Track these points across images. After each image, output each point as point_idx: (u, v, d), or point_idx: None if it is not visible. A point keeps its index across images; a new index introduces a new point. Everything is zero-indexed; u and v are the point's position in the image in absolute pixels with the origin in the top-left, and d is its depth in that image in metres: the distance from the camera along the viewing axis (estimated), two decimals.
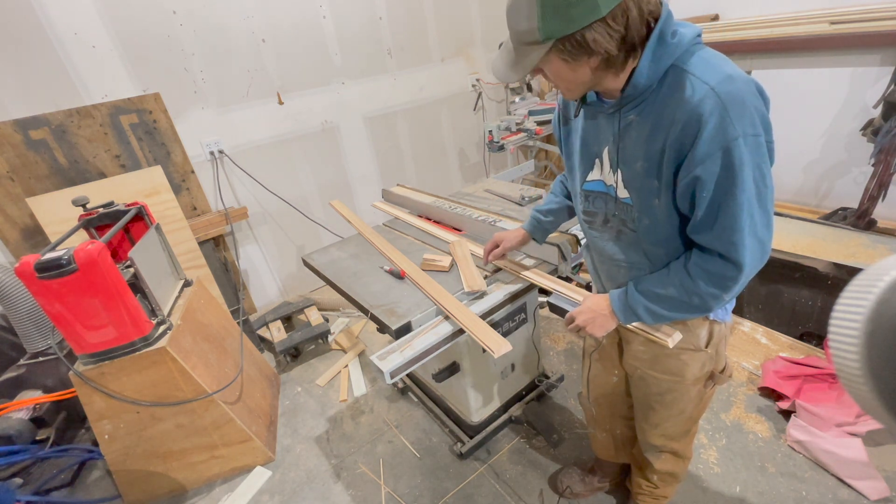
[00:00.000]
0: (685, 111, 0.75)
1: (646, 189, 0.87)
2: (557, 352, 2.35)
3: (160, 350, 1.57)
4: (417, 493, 1.73)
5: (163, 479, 1.81)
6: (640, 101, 0.82)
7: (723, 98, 0.72)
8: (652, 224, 0.91)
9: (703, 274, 0.85)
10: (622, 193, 0.93)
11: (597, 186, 0.99)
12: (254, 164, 2.81)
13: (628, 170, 0.89)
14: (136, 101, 2.34)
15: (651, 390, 1.18)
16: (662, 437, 1.27)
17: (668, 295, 0.91)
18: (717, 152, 0.74)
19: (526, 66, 0.79)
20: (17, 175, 2.16)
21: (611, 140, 0.90)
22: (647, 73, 0.77)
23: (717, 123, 0.72)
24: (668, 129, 0.78)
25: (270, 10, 2.62)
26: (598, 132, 0.94)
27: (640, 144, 0.84)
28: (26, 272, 1.34)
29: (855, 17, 2.35)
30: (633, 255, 1.00)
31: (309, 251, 1.93)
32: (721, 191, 0.76)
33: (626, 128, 0.86)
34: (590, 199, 1.02)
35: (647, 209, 0.89)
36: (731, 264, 0.82)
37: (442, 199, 2.10)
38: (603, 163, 0.95)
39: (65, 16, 2.09)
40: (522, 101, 3.56)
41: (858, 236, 2.14)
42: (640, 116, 0.83)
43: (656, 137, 0.81)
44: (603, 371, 1.36)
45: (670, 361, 1.09)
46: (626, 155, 0.88)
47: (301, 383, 2.42)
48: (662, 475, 1.36)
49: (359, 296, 1.50)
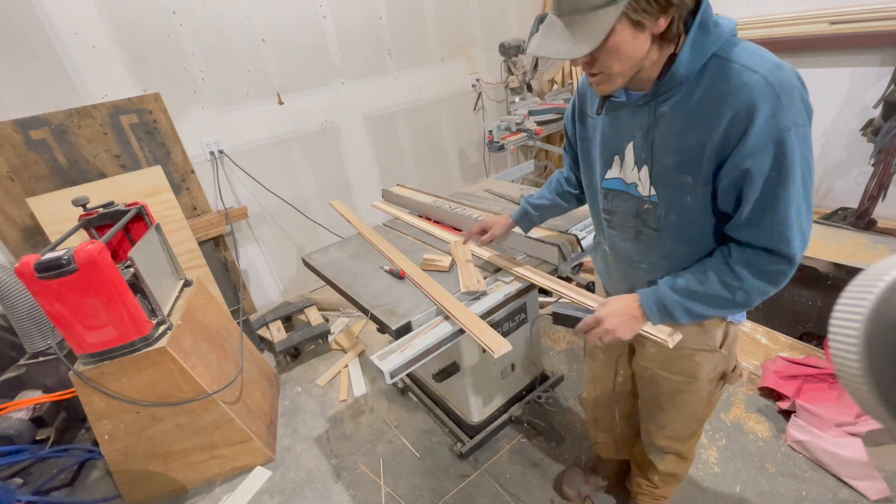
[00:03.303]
0: (735, 102, 0.71)
1: (676, 185, 0.83)
2: (557, 352, 2.35)
3: (160, 350, 1.57)
4: (417, 493, 1.73)
5: (163, 479, 1.81)
6: (675, 93, 0.78)
7: (776, 87, 0.69)
8: (680, 222, 0.88)
9: (750, 269, 0.81)
10: (646, 191, 0.89)
11: (615, 184, 0.96)
12: (254, 164, 2.81)
13: (657, 165, 0.85)
14: (136, 101, 2.34)
15: (661, 391, 1.16)
16: (669, 438, 1.25)
17: (708, 293, 0.86)
18: (770, 144, 0.71)
19: (598, 35, 0.70)
20: (17, 175, 2.16)
21: (639, 135, 0.86)
22: (688, 62, 0.74)
23: (770, 113, 0.69)
24: (712, 122, 0.74)
25: (270, 10, 2.62)
26: (621, 128, 0.90)
27: (671, 138, 0.81)
28: (26, 272, 1.33)
29: (855, 17, 2.35)
30: (651, 255, 0.97)
31: (309, 251, 1.93)
32: (771, 184, 0.73)
33: (657, 121, 0.82)
34: (609, 196, 0.99)
35: (677, 206, 0.86)
36: (782, 259, 0.78)
37: (442, 199, 2.10)
38: (624, 160, 0.92)
39: (65, 16, 2.09)
40: (522, 101, 3.56)
41: (858, 236, 2.14)
42: (674, 109, 0.79)
43: (693, 131, 0.77)
44: (607, 372, 1.35)
45: (683, 362, 1.07)
46: (655, 150, 0.84)
47: (301, 383, 2.42)
48: (664, 476, 1.36)
49: (359, 296, 1.50)
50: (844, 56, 2.50)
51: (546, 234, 1.58)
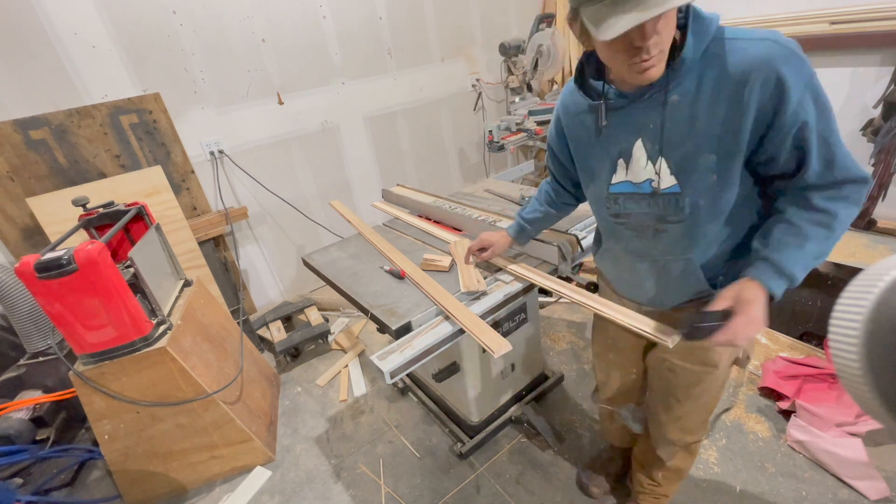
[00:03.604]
0: (760, 70, 0.76)
1: (701, 167, 0.84)
2: (557, 352, 2.35)
3: (160, 350, 1.57)
4: (417, 493, 1.73)
5: (163, 479, 1.81)
6: (683, 79, 0.81)
7: (786, 46, 0.76)
8: (710, 203, 0.88)
9: (838, 203, 0.83)
10: (666, 183, 0.89)
11: (624, 188, 0.96)
12: (254, 164, 2.81)
13: (676, 154, 0.86)
14: (136, 101, 2.34)
15: (679, 382, 1.15)
16: (681, 430, 1.25)
17: (814, 247, 0.85)
18: (807, 92, 0.76)
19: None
20: (17, 175, 2.16)
21: (649, 129, 0.86)
22: (693, 47, 0.78)
23: (796, 69, 0.75)
24: (742, 95, 0.77)
25: (270, 10, 2.62)
26: (625, 128, 0.91)
27: (688, 123, 0.82)
28: (26, 272, 1.33)
29: (855, 17, 2.35)
30: (678, 244, 0.96)
31: (309, 251, 1.93)
32: (823, 125, 0.79)
33: (669, 110, 0.83)
34: (619, 201, 0.99)
35: (703, 188, 0.86)
36: (858, 182, 0.82)
37: (442, 199, 2.10)
38: (631, 160, 0.92)
39: (65, 16, 2.09)
40: (522, 101, 3.56)
41: (858, 236, 2.14)
42: (685, 95, 0.81)
43: (717, 109, 0.80)
44: (621, 370, 1.35)
45: (706, 352, 1.07)
46: (672, 139, 0.85)
47: (301, 383, 2.42)
48: (669, 473, 1.36)
49: (359, 296, 1.50)
50: (844, 56, 2.50)
51: (546, 234, 1.58)
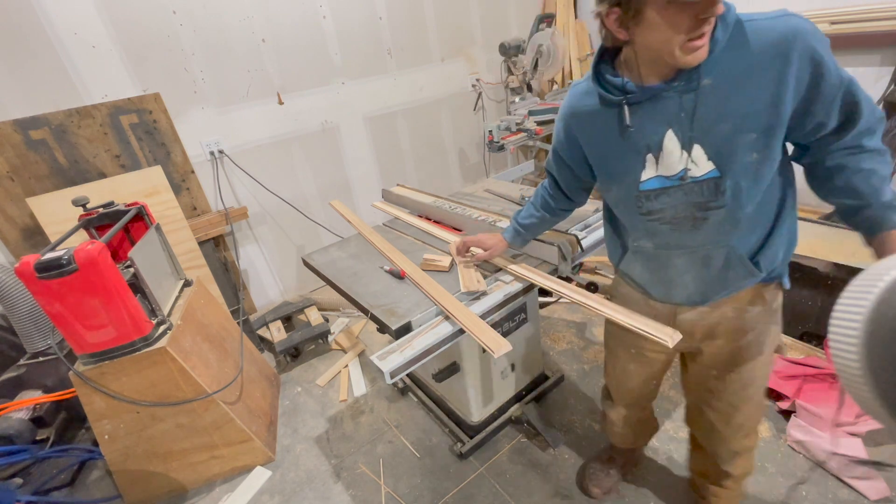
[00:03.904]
0: (794, 46, 0.78)
1: (741, 148, 0.84)
2: (557, 352, 2.35)
3: (160, 350, 1.57)
4: (417, 493, 1.73)
5: (163, 479, 1.81)
6: (713, 63, 0.81)
7: (800, 17, 0.80)
8: (751, 183, 0.87)
9: (878, 140, 0.87)
10: (704, 169, 0.87)
11: (655, 184, 0.93)
12: (254, 164, 2.81)
13: (713, 137, 0.85)
14: (136, 101, 2.34)
15: (732, 389, 1.12)
16: (745, 437, 1.21)
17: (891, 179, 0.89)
18: (832, 55, 0.81)
19: None
20: (17, 175, 2.16)
21: (681, 116, 0.85)
22: (722, 31, 0.79)
23: (818, 35, 0.79)
24: (779, 71, 0.79)
25: (270, 10, 2.62)
26: (651, 121, 0.89)
27: (722, 105, 0.82)
28: (26, 272, 1.33)
29: (855, 17, 2.35)
30: (719, 231, 0.94)
31: (309, 251, 1.93)
32: (848, 82, 0.82)
33: (702, 94, 0.83)
34: (651, 197, 0.96)
35: (744, 169, 0.86)
36: (881, 119, 0.87)
37: (442, 199, 2.10)
38: (662, 152, 0.90)
39: (65, 16, 2.09)
40: (522, 101, 3.56)
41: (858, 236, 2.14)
42: (718, 77, 0.81)
43: (753, 87, 0.81)
44: (641, 380, 1.33)
45: (751, 349, 1.06)
46: (706, 123, 0.84)
47: (301, 383, 2.42)
48: (739, 478, 1.31)
49: (359, 296, 1.50)
50: (844, 56, 2.50)
51: (546, 233, 1.58)
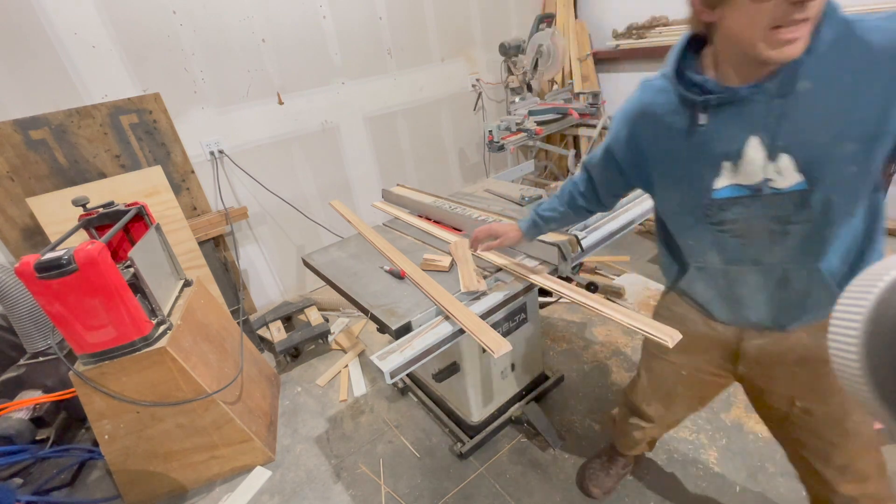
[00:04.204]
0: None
1: (839, 159, 0.76)
2: (557, 352, 2.35)
3: (160, 350, 1.57)
4: (417, 493, 1.73)
5: (163, 479, 1.81)
6: (813, 65, 0.73)
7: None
8: (846, 199, 0.79)
9: None
10: (791, 180, 0.79)
11: (730, 192, 0.86)
12: (254, 164, 2.81)
13: (807, 147, 0.77)
14: (136, 101, 2.34)
15: (823, 421, 0.99)
16: (857, 480, 1.02)
17: None
18: None
19: None
20: (17, 175, 2.16)
21: (770, 123, 0.78)
22: (828, 28, 0.71)
23: None
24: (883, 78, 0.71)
25: (270, 10, 2.62)
26: (730, 126, 0.81)
27: (821, 112, 0.75)
28: (26, 272, 1.33)
29: None
30: (801, 252, 0.86)
31: (309, 251, 1.93)
32: None
33: (798, 99, 0.75)
34: (725, 207, 0.88)
35: (840, 183, 0.78)
36: None
37: (442, 199, 2.10)
38: (743, 160, 0.82)
39: (65, 16, 2.09)
40: (522, 101, 3.56)
41: None
42: (820, 80, 0.73)
43: (864, 92, 0.72)
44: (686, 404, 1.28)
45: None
46: (800, 131, 0.76)
47: (301, 383, 2.42)
48: None
49: (359, 296, 1.50)
50: None
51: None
